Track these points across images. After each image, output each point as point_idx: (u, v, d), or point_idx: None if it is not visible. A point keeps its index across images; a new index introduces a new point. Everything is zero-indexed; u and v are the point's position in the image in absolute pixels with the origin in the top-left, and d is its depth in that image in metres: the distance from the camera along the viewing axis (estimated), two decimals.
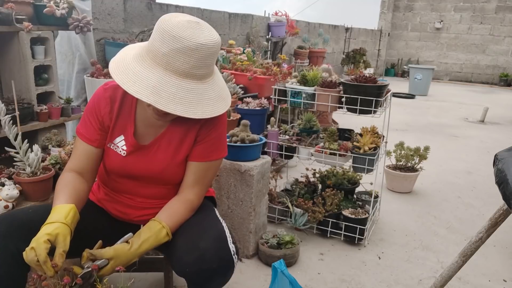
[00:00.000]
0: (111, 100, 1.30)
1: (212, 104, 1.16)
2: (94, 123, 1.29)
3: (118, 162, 1.31)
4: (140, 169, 1.31)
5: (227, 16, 5.14)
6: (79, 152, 1.30)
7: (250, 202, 2.03)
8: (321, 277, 2.01)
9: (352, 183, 2.57)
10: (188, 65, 1.08)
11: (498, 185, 1.13)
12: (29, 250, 1.02)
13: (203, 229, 1.24)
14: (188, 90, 1.10)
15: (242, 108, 2.68)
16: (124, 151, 1.30)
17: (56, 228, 1.07)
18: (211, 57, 1.12)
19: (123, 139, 1.31)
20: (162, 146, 1.31)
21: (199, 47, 1.07)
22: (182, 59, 1.07)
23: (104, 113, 1.29)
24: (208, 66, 1.13)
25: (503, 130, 5.61)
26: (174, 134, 1.31)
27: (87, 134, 1.29)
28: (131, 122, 1.30)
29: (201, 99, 1.13)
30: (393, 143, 3.10)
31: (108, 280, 1.08)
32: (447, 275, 1.50)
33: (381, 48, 11.29)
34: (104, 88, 1.32)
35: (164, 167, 1.31)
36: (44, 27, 2.28)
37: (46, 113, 2.26)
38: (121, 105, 1.30)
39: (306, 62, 6.03)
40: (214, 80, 1.19)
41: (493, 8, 10.44)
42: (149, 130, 1.31)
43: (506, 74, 10.50)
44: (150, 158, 1.31)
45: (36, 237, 1.05)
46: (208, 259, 1.15)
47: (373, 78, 2.24)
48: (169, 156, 1.31)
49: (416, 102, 7.77)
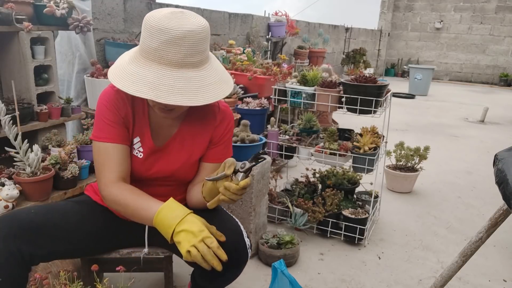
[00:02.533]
0: (124, 101, 1.27)
1: (214, 89, 1.15)
2: (118, 122, 1.25)
3: (137, 165, 1.31)
4: (154, 171, 1.33)
5: (227, 16, 5.14)
6: (114, 157, 1.24)
7: (250, 202, 2.03)
8: (321, 277, 2.01)
9: (352, 183, 2.57)
10: (180, 54, 1.08)
11: (498, 185, 1.13)
12: (192, 248, 1.05)
13: (220, 222, 1.26)
14: (186, 80, 1.10)
15: (242, 108, 2.68)
16: (141, 153, 1.31)
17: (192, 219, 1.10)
18: (202, 43, 1.12)
19: (139, 141, 1.31)
20: (175, 147, 1.33)
21: (187, 35, 1.08)
22: (174, 50, 1.08)
23: (124, 113, 1.27)
24: (201, 52, 1.13)
25: (503, 130, 5.61)
26: (186, 135, 1.33)
27: (117, 135, 1.25)
28: (146, 124, 1.31)
29: (201, 86, 1.12)
30: (393, 143, 3.10)
31: (108, 280, 1.08)
32: (447, 275, 1.50)
33: (381, 48, 11.29)
34: (114, 90, 1.28)
35: (178, 168, 1.33)
36: (44, 27, 2.28)
37: (46, 113, 2.26)
38: (134, 107, 1.30)
39: (306, 62, 6.03)
40: (212, 66, 1.19)
41: (493, 8, 10.43)
42: (162, 131, 1.33)
43: (506, 74, 10.50)
44: (165, 160, 1.33)
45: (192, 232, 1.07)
46: (225, 251, 1.16)
47: (373, 78, 2.24)
48: (184, 157, 1.33)
49: (416, 102, 7.77)
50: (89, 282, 1.34)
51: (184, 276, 1.87)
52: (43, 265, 1.50)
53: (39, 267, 1.49)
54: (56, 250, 1.22)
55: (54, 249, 1.21)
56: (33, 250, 1.14)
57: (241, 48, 4.48)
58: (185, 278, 1.84)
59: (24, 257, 1.11)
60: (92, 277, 1.07)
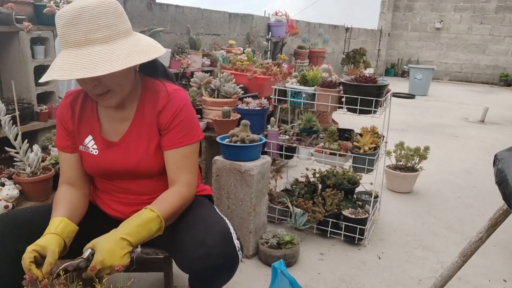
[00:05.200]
0: (71, 105, 1.35)
1: (125, 58, 1.11)
2: (61, 131, 1.36)
3: (92, 162, 1.33)
4: (115, 166, 1.32)
5: (227, 16, 5.14)
6: (62, 164, 1.37)
7: (250, 202, 2.03)
8: (321, 277, 2.01)
9: (352, 183, 2.56)
10: (81, 32, 1.08)
11: (498, 185, 1.13)
12: (22, 261, 1.06)
13: (208, 225, 1.25)
14: (91, 55, 1.09)
15: (242, 108, 2.67)
16: (96, 150, 1.33)
17: (44, 239, 1.10)
18: (104, 16, 1.10)
19: (91, 139, 1.33)
20: (132, 141, 1.32)
21: (81, 12, 1.07)
22: (73, 30, 1.08)
23: (66, 119, 1.35)
24: (106, 27, 1.10)
25: (503, 130, 5.61)
26: (141, 127, 1.32)
27: (60, 143, 1.36)
28: (95, 121, 1.34)
29: (109, 57, 1.10)
30: (393, 143, 3.10)
31: (108, 280, 1.08)
32: (447, 275, 1.50)
33: (381, 48, 11.29)
34: (65, 97, 1.39)
35: (137, 161, 1.31)
36: (44, 27, 2.28)
37: (46, 113, 2.26)
38: (83, 107, 1.35)
39: (306, 62, 6.03)
40: (131, 40, 1.16)
41: (493, 8, 10.43)
42: (115, 126, 1.33)
43: (506, 74, 10.50)
44: (122, 154, 1.32)
45: (27, 248, 1.08)
46: (214, 256, 1.17)
47: (373, 78, 2.24)
48: (142, 149, 1.32)
49: (416, 102, 7.77)
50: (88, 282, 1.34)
51: (184, 276, 1.85)
52: None
53: None
54: None
55: None
56: None
57: (241, 48, 4.48)
58: (185, 278, 1.83)
59: (20, 256, 1.11)
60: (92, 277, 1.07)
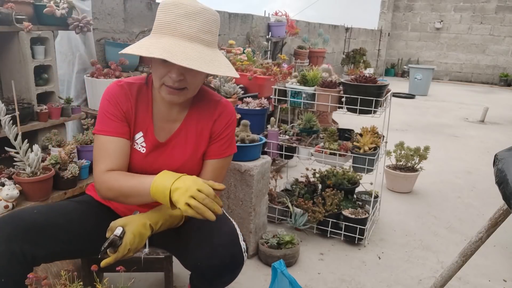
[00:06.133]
0: (128, 96, 1.29)
1: (225, 67, 1.17)
2: (119, 117, 1.27)
3: (139, 159, 1.31)
4: (158, 166, 1.31)
5: (227, 16, 5.14)
6: (112, 150, 1.24)
7: (250, 202, 2.03)
8: (321, 277, 2.01)
9: (352, 183, 2.57)
10: (194, 28, 1.12)
11: (498, 185, 1.13)
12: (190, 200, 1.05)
13: (216, 225, 1.24)
14: (199, 52, 1.12)
15: (242, 108, 2.67)
16: (144, 148, 1.31)
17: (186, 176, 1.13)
18: (214, 24, 1.16)
19: (142, 136, 1.31)
20: (179, 143, 1.32)
21: (201, 11, 1.12)
22: (188, 23, 1.11)
23: (126, 108, 1.28)
24: (213, 33, 1.16)
25: (503, 130, 5.61)
26: (190, 130, 1.33)
27: (117, 128, 1.25)
28: (149, 119, 1.31)
29: (212, 60, 1.14)
30: (393, 143, 3.10)
31: (108, 280, 1.08)
32: (447, 275, 1.50)
33: (381, 48, 11.29)
34: (119, 85, 1.30)
35: (182, 164, 1.32)
36: (44, 27, 2.28)
37: (46, 113, 2.26)
38: (138, 102, 1.31)
39: (306, 62, 6.02)
40: (220, 52, 1.22)
41: (493, 8, 10.43)
42: (165, 126, 1.33)
43: (506, 74, 10.49)
44: (168, 155, 1.32)
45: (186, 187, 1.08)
46: (220, 255, 1.17)
47: (373, 78, 2.24)
48: (188, 153, 1.32)
49: (416, 102, 7.77)
50: (89, 282, 1.35)
51: (184, 276, 1.87)
52: (43, 265, 1.50)
53: (39, 267, 1.49)
54: (58, 251, 1.22)
55: (56, 249, 1.20)
56: (35, 251, 1.14)
57: (241, 48, 4.47)
58: (185, 278, 1.84)
59: (26, 258, 1.11)
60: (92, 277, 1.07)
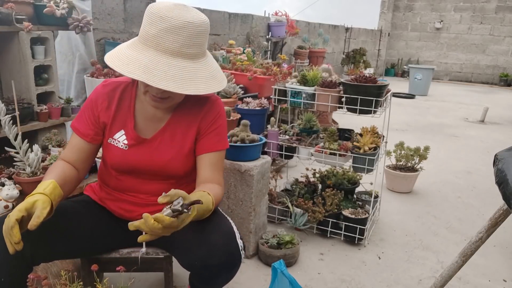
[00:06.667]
0: (109, 96, 1.32)
1: (206, 82, 1.17)
2: (89, 119, 1.32)
3: (119, 156, 1.32)
4: (143, 162, 1.32)
5: (227, 16, 5.14)
6: (72, 145, 1.33)
7: (250, 202, 2.03)
8: (321, 277, 2.01)
9: (352, 183, 2.56)
10: (178, 43, 1.10)
11: (498, 185, 1.13)
12: (6, 218, 1.02)
13: (212, 224, 1.25)
14: (180, 68, 1.11)
15: (242, 108, 2.67)
16: (125, 145, 1.32)
17: (33, 197, 1.08)
18: (200, 36, 1.14)
19: (123, 134, 1.32)
20: (165, 139, 1.32)
21: (186, 25, 1.10)
22: (171, 38, 1.10)
23: (100, 109, 1.32)
24: (199, 45, 1.14)
25: (503, 130, 5.61)
26: (176, 127, 1.33)
27: (81, 128, 1.32)
28: (130, 117, 1.32)
29: (193, 77, 1.14)
30: (393, 143, 3.10)
31: (108, 280, 1.08)
32: (447, 275, 1.50)
33: (381, 48, 11.29)
34: (103, 85, 1.35)
35: (169, 159, 1.32)
36: (44, 27, 2.28)
37: (46, 113, 2.26)
38: (120, 101, 1.33)
39: (306, 62, 6.02)
40: (207, 62, 1.21)
41: (493, 8, 10.43)
42: (150, 124, 1.33)
43: (506, 74, 10.49)
44: (154, 151, 1.32)
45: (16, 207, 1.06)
46: (217, 253, 1.17)
47: (373, 78, 2.24)
48: (175, 148, 1.32)
49: (416, 102, 7.76)
50: (89, 282, 1.35)
51: (184, 276, 1.86)
52: (43, 265, 1.50)
53: (39, 267, 1.49)
54: (57, 250, 1.22)
55: (55, 249, 1.21)
56: (34, 251, 1.14)
57: (241, 48, 4.48)
58: (185, 278, 1.84)
59: (25, 258, 1.11)
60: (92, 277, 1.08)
